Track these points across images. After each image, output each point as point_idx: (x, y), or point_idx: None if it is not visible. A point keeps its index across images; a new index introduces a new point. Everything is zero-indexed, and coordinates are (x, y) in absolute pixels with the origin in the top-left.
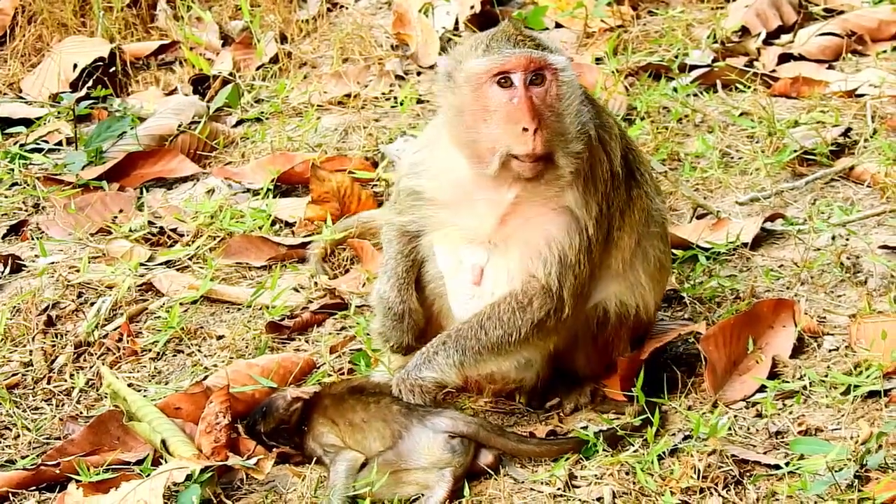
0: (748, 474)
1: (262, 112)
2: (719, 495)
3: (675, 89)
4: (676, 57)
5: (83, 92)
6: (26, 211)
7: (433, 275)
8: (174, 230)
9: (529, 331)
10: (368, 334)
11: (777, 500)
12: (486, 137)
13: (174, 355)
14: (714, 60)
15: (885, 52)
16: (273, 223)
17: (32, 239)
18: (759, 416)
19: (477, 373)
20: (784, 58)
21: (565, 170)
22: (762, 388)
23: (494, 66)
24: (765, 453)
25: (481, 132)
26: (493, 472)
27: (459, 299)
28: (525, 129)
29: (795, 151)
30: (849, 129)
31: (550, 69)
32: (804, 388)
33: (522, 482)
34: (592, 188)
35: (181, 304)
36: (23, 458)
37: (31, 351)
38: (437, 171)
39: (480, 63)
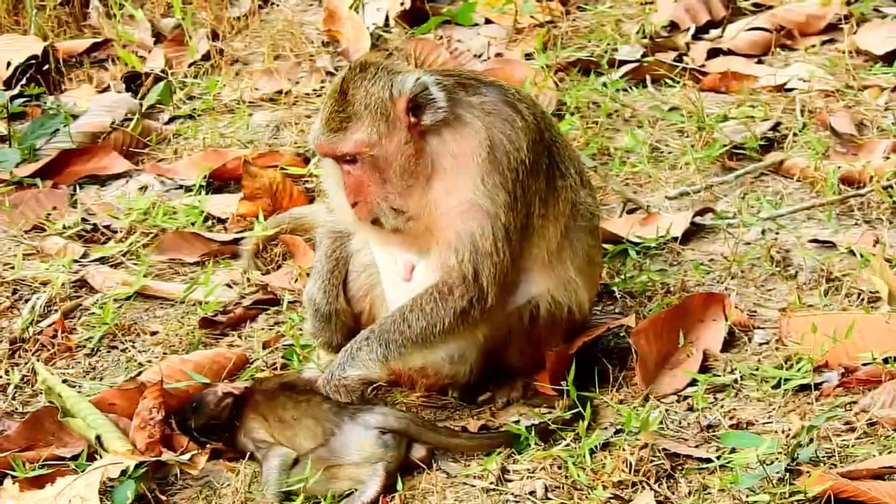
0: (680, 468)
1: (195, 109)
2: (651, 489)
3: (604, 84)
4: (606, 52)
5: (17, 90)
6: None
7: (366, 264)
8: (108, 227)
9: (453, 321)
10: (301, 331)
11: (709, 493)
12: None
13: (108, 351)
14: (643, 55)
15: (813, 46)
16: (206, 219)
17: None
18: (691, 409)
19: (403, 366)
20: (713, 52)
21: (400, 227)
22: (693, 382)
23: (312, 147)
24: (696, 447)
25: (338, 186)
26: (426, 467)
27: (393, 291)
28: (349, 203)
29: (725, 146)
30: (778, 124)
31: (349, 151)
32: (735, 381)
33: (455, 476)
34: (498, 178)
35: (115, 300)
36: None
37: None
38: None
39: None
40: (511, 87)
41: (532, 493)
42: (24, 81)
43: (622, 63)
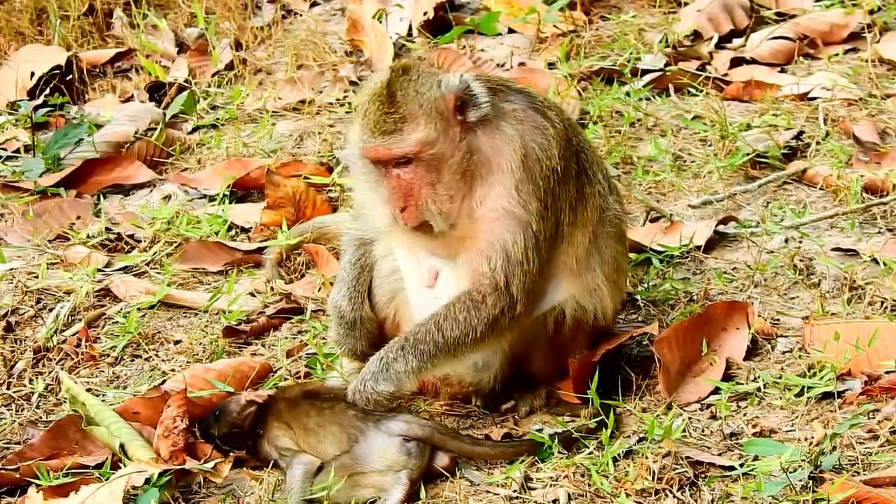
0: (703, 476)
1: (218, 118)
2: (674, 497)
3: (627, 93)
4: (629, 61)
5: (40, 100)
6: None
7: (391, 270)
8: (131, 236)
9: (485, 329)
10: (324, 340)
11: (732, 501)
12: (378, 198)
13: (132, 360)
14: (666, 65)
15: (836, 55)
16: (229, 229)
17: None
18: (714, 417)
19: (433, 376)
20: (736, 62)
21: (445, 228)
22: (716, 390)
23: (358, 154)
24: (719, 455)
25: (374, 193)
26: (449, 475)
27: (417, 298)
28: (395, 208)
29: (748, 154)
30: (801, 132)
31: (407, 152)
32: (758, 389)
33: (478, 484)
34: (531, 187)
35: (139, 309)
36: None
37: None
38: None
39: (351, 144)
40: (537, 93)
41: (555, 501)
42: (47, 91)
43: (645, 72)
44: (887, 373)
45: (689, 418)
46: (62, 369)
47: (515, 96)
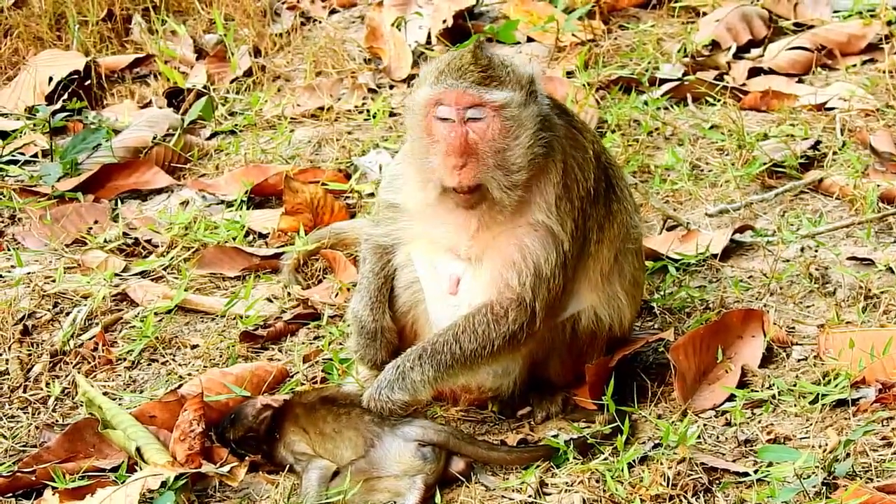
0: (717, 482)
1: (236, 125)
2: (689, 502)
3: (645, 102)
4: (647, 70)
5: (59, 104)
6: (2, 222)
7: (410, 281)
8: (149, 241)
9: (502, 344)
10: (340, 345)
11: None
12: (428, 165)
13: (149, 364)
14: (684, 74)
15: (854, 66)
16: (247, 234)
17: (8, 250)
18: (728, 424)
19: (447, 387)
20: (754, 72)
21: (505, 202)
22: (731, 397)
23: (432, 99)
24: (734, 461)
25: (425, 159)
26: (464, 480)
27: (437, 307)
28: (454, 165)
29: (765, 164)
30: (818, 142)
31: (490, 105)
32: (773, 397)
33: (493, 489)
34: (568, 205)
35: (156, 313)
36: None
37: (7, 360)
38: (411, 186)
39: (423, 93)
40: (570, 110)
41: None
42: (66, 96)
43: (663, 81)
44: None
45: (704, 425)
46: (79, 373)
47: (557, 109)
